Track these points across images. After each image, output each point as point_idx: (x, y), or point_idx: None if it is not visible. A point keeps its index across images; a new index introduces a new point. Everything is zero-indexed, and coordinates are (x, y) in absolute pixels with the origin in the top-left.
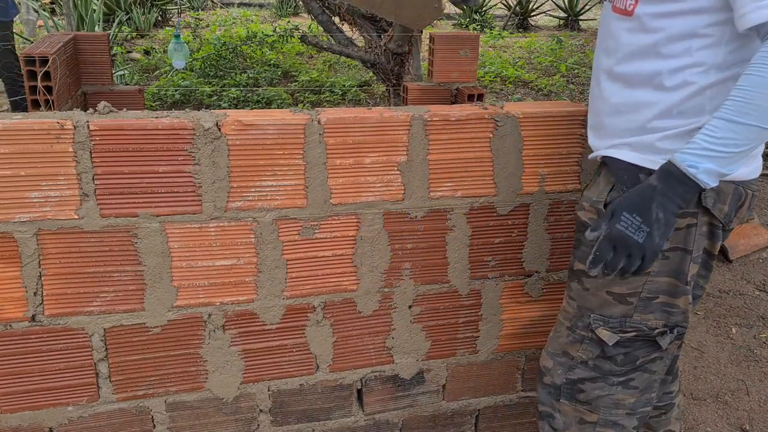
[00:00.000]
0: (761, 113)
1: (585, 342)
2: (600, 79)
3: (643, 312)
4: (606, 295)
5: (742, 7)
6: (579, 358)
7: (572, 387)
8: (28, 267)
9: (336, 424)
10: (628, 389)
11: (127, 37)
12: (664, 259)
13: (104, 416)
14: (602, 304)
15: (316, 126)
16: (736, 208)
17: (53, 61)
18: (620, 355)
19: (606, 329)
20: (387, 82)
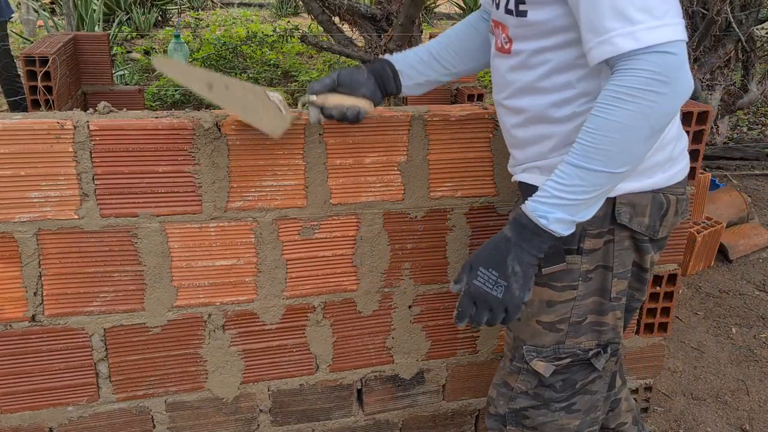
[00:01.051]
0: (608, 157)
1: (522, 373)
2: (499, 111)
3: (575, 336)
4: (536, 324)
5: (587, 43)
6: (518, 389)
7: (516, 414)
8: (28, 267)
9: (336, 424)
10: (571, 413)
11: (127, 37)
12: (587, 281)
13: (104, 416)
14: (534, 334)
15: (316, 126)
16: (660, 217)
17: (53, 61)
18: (558, 382)
19: (540, 360)
20: None
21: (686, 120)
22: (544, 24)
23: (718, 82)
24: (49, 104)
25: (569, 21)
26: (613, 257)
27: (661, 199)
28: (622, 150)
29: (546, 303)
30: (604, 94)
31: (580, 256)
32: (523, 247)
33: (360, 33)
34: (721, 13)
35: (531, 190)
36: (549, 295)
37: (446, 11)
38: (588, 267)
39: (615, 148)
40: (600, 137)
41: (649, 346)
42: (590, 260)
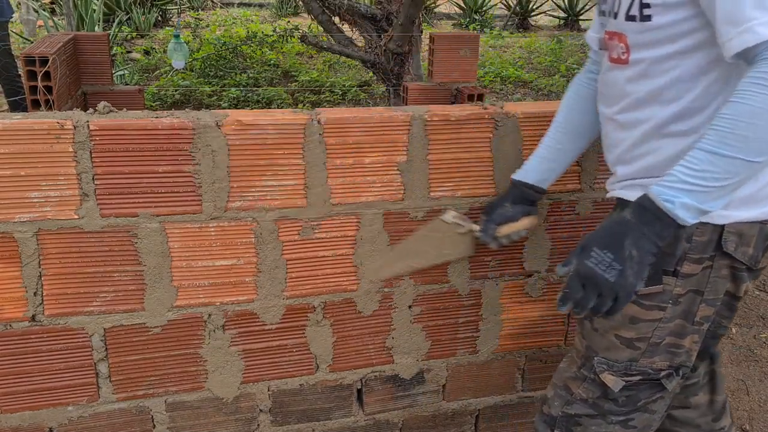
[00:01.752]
0: (745, 144)
1: (587, 381)
2: (607, 126)
3: (650, 356)
4: (614, 338)
5: (724, 35)
6: (579, 395)
7: (569, 420)
8: (28, 267)
9: (336, 424)
10: (626, 428)
11: (127, 37)
12: (676, 305)
13: (104, 416)
14: (609, 347)
15: (315, 126)
16: (764, 248)
17: (53, 61)
18: (622, 397)
19: (610, 374)
20: (387, 82)
21: None
22: (671, 27)
23: None
24: (49, 104)
25: (698, 23)
26: (707, 283)
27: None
28: (761, 137)
29: (629, 319)
30: (745, 81)
31: (676, 278)
32: (644, 232)
33: (360, 33)
34: None
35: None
36: (634, 312)
37: (446, 11)
38: (680, 291)
39: (754, 135)
40: (739, 123)
41: None
42: (684, 284)
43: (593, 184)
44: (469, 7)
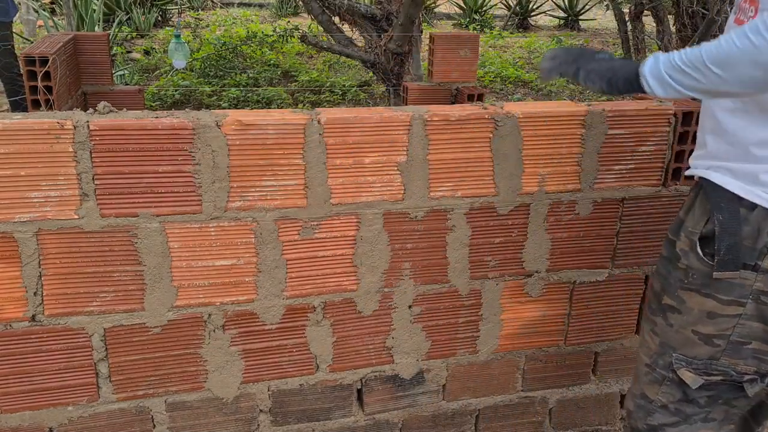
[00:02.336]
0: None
1: (665, 383)
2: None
3: (732, 356)
4: (691, 333)
5: None
6: (659, 401)
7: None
8: (28, 267)
9: (336, 424)
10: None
11: (127, 37)
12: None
13: (104, 416)
14: (686, 343)
15: (316, 126)
16: None
17: (53, 61)
18: (703, 397)
19: (689, 370)
20: (387, 82)
21: (686, 120)
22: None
23: None
24: (49, 104)
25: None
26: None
27: None
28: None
29: (707, 314)
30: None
31: (756, 273)
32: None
33: (360, 33)
34: (721, 12)
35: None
36: (711, 306)
37: (446, 11)
38: (761, 287)
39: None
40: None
41: None
42: (766, 280)
43: (593, 184)
44: (469, 7)
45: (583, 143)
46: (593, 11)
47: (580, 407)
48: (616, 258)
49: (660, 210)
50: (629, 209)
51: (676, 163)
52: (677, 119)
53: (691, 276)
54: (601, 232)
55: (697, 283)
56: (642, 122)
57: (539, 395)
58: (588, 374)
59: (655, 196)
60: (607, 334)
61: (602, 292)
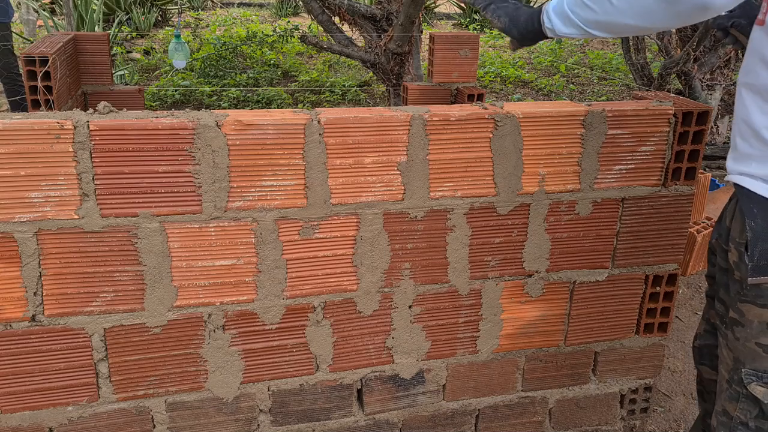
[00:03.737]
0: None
1: (741, 400)
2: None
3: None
4: (755, 346)
5: None
6: (738, 418)
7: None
8: (28, 267)
9: (336, 424)
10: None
11: (127, 37)
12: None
13: (104, 416)
14: (754, 357)
15: (316, 126)
16: None
17: (53, 61)
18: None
19: (759, 385)
20: (387, 82)
21: (686, 120)
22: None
23: (718, 82)
24: (49, 104)
25: None
26: None
27: None
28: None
29: (766, 324)
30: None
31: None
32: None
33: (360, 33)
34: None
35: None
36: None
37: (446, 11)
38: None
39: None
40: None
41: (649, 346)
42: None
43: (593, 184)
44: (469, 7)
45: (583, 143)
46: None
47: (580, 407)
48: (616, 258)
49: (660, 210)
50: (629, 209)
51: (676, 163)
52: (677, 119)
53: (746, 287)
54: (601, 232)
55: (753, 294)
56: (642, 122)
57: (539, 395)
58: (588, 374)
59: (655, 196)
60: (607, 334)
61: (602, 292)
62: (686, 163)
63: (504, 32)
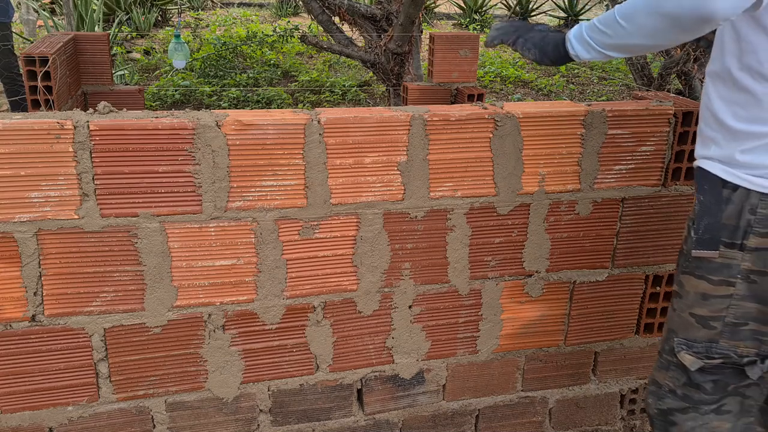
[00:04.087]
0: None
1: (671, 368)
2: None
3: (731, 338)
4: (689, 316)
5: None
6: (667, 386)
7: (664, 419)
8: (28, 267)
9: (336, 424)
10: (721, 414)
11: (127, 37)
12: (749, 282)
13: (104, 416)
14: (687, 327)
15: (316, 126)
16: None
17: (53, 61)
18: (708, 383)
19: (688, 353)
20: (387, 82)
21: (686, 120)
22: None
23: None
24: (49, 104)
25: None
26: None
27: None
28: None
29: (701, 295)
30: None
31: (742, 252)
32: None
33: (360, 33)
34: None
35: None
36: (704, 288)
37: (446, 11)
38: (750, 266)
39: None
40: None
41: (649, 346)
42: (753, 259)
43: (593, 184)
44: (469, 7)
45: (583, 143)
46: (593, 11)
47: (580, 407)
48: (616, 258)
49: (660, 210)
50: (629, 209)
51: (676, 163)
52: (677, 119)
53: (688, 259)
54: (601, 232)
55: (692, 266)
56: (642, 122)
57: (539, 395)
58: (588, 374)
59: (655, 196)
60: (607, 334)
61: (602, 292)
62: (686, 163)
63: (537, 63)
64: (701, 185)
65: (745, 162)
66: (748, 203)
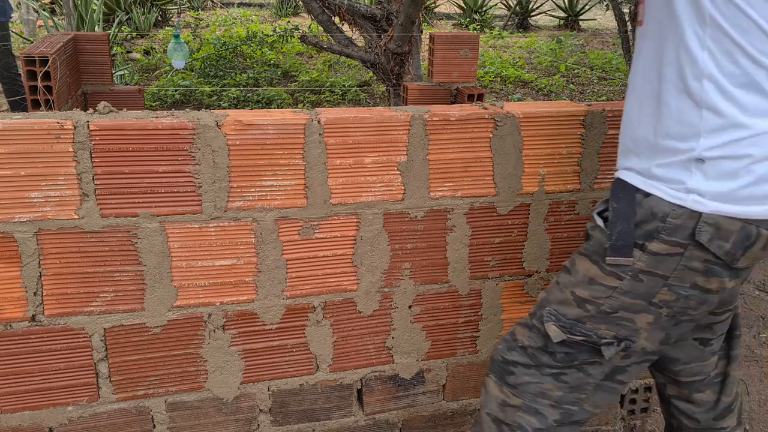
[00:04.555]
0: None
1: (533, 330)
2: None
3: (597, 322)
4: (570, 294)
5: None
6: (521, 342)
7: (504, 367)
8: (28, 267)
9: (336, 424)
10: (558, 382)
11: (127, 37)
12: (636, 280)
13: (104, 416)
14: (562, 301)
15: (316, 126)
16: (743, 248)
17: (53, 61)
18: (561, 353)
19: (555, 325)
20: (387, 82)
21: None
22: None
23: None
24: (49, 104)
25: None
26: (674, 269)
27: (750, 230)
28: None
29: (589, 279)
30: None
31: (642, 252)
32: None
33: (360, 33)
34: None
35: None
36: (594, 273)
37: (446, 11)
38: (642, 266)
39: None
40: None
41: None
42: (648, 262)
43: (593, 184)
44: (469, 7)
45: (583, 143)
46: (593, 11)
47: None
48: None
49: None
50: None
51: None
52: None
53: (590, 243)
54: None
55: (591, 250)
56: None
57: None
58: None
59: None
60: None
61: None
62: None
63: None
64: (616, 194)
65: (661, 176)
66: (660, 210)
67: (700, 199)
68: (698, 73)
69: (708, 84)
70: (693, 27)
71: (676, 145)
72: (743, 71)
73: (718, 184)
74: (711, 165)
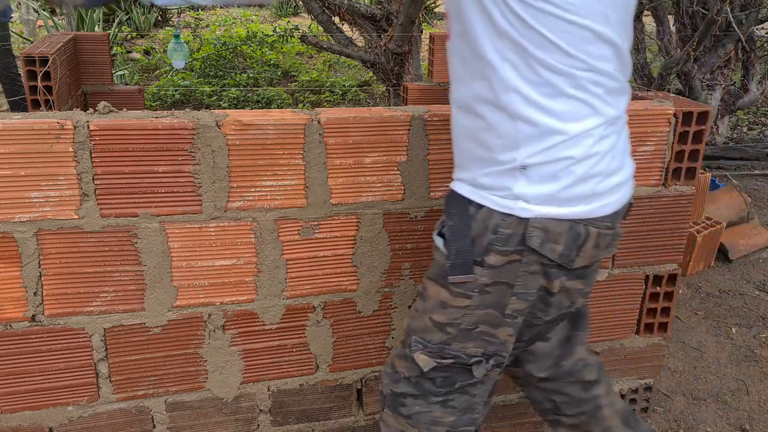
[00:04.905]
0: None
1: (407, 360)
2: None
3: (462, 341)
4: (428, 320)
5: None
6: (402, 373)
7: (395, 400)
8: (28, 267)
9: (336, 424)
10: (446, 408)
11: (127, 37)
12: (483, 294)
13: (104, 416)
14: (424, 329)
15: (316, 126)
16: (576, 247)
17: (53, 61)
18: (439, 378)
19: (424, 354)
20: (387, 82)
21: (686, 120)
22: None
23: (718, 82)
24: (49, 104)
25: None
26: (517, 277)
27: (579, 229)
28: None
29: (441, 303)
30: None
31: (482, 268)
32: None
33: (360, 33)
34: (721, 12)
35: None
36: (444, 297)
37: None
38: (486, 281)
39: None
40: None
41: (648, 346)
42: (490, 275)
43: None
44: None
45: None
46: None
47: None
48: (616, 258)
49: (660, 210)
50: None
51: (676, 163)
52: (677, 119)
53: (434, 266)
54: None
55: (436, 273)
56: (642, 122)
57: None
58: None
59: (655, 196)
60: (607, 334)
61: (602, 292)
62: (686, 163)
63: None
64: (450, 209)
65: (489, 184)
66: (492, 223)
67: (526, 205)
68: (504, 86)
69: (515, 96)
70: (491, 40)
71: (499, 157)
72: (545, 80)
73: (541, 187)
74: (533, 170)
